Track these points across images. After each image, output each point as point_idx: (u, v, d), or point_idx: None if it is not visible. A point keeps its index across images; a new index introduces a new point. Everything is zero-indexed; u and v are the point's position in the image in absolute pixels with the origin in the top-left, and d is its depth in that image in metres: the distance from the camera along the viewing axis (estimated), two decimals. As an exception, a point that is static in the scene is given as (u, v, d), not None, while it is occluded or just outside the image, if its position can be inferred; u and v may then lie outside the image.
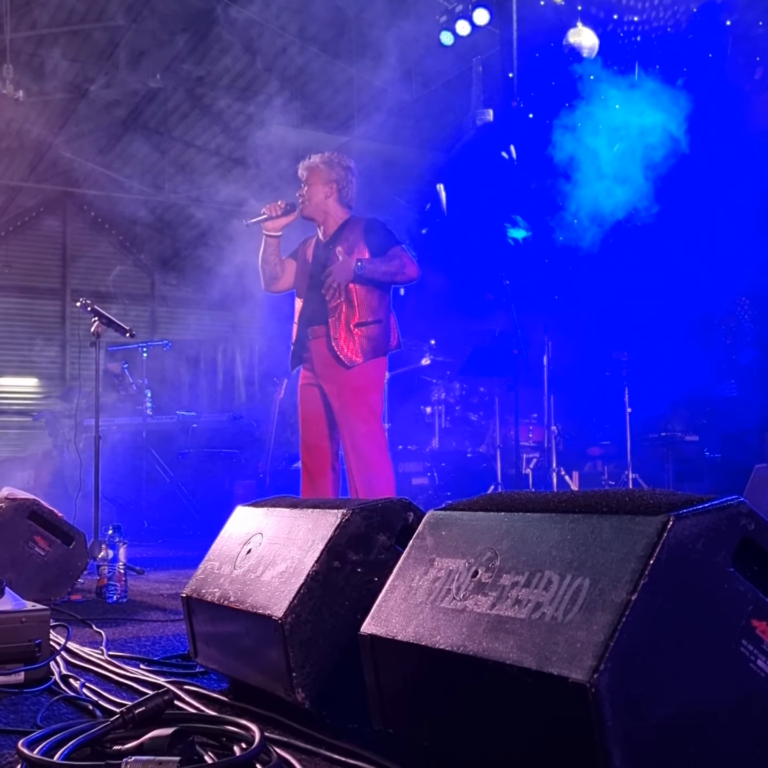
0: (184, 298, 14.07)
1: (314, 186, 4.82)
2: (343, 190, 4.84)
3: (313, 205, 4.83)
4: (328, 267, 4.70)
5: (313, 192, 4.82)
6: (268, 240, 4.87)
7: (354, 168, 4.91)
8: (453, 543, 1.80)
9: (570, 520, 1.59)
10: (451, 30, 9.95)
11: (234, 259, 8.29)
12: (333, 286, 4.63)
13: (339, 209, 4.86)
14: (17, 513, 4.20)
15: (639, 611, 1.36)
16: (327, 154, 4.90)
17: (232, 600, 2.25)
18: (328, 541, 2.06)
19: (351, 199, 4.89)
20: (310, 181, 4.83)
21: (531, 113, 9.94)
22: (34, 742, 1.84)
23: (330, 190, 4.82)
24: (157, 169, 12.55)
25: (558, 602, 1.48)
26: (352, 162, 4.92)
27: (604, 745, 1.32)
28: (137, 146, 12.23)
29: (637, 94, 8.54)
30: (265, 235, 4.86)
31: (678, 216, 8.25)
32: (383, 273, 4.68)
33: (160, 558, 6.49)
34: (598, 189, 8.59)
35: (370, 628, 1.82)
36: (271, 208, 4.80)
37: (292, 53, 11.22)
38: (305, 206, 4.84)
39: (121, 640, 3.22)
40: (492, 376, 8.54)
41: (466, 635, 1.59)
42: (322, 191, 4.81)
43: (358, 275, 4.61)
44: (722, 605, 1.43)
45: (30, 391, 14.03)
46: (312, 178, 4.83)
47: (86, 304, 5.84)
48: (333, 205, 4.84)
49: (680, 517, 1.42)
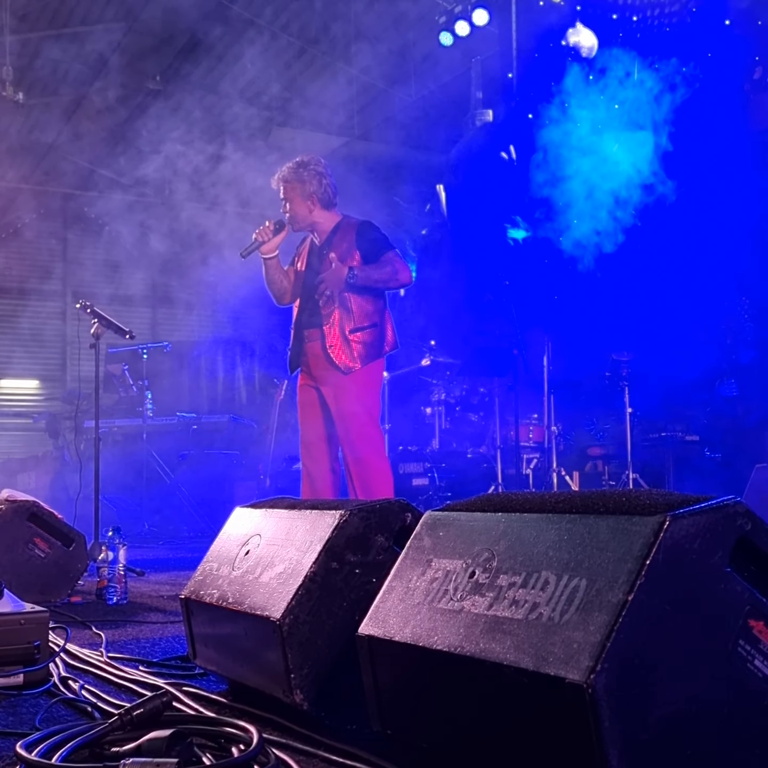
0: (185, 300, 14.07)
1: (293, 202, 4.78)
2: (323, 197, 4.80)
3: (300, 220, 4.82)
4: (321, 272, 4.70)
5: (295, 208, 4.79)
6: (268, 263, 4.84)
7: (326, 168, 4.82)
8: (450, 544, 1.80)
9: (567, 521, 1.59)
10: (451, 30, 9.96)
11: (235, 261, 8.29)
12: (326, 293, 4.64)
13: (325, 214, 4.84)
14: (17, 515, 4.20)
15: (636, 611, 1.36)
16: (294, 167, 4.78)
17: (230, 601, 2.25)
18: (326, 542, 2.06)
19: (333, 196, 4.84)
20: (289, 197, 4.79)
21: (530, 113, 9.94)
22: (32, 744, 1.84)
23: (311, 203, 4.78)
24: (158, 171, 12.54)
25: (555, 603, 1.48)
26: (321, 162, 4.82)
27: (601, 745, 1.32)
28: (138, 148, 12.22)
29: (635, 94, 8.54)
30: (263, 259, 4.84)
31: (678, 216, 8.25)
32: (375, 281, 4.67)
33: (160, 559, 6.49)
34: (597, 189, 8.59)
35: (367, 629, 1.81)
36: (261, 232, 4.75)
37: (292, 54, 11.21)
38: (293, 222, 4.83)
39: (121, 642, 3.22)
40: (492, 377, 8.54)
41: (464, 636, 1.59)
42: (304, 206, 4.78)
43: (350, 284, 4.61)
44: (719, 605, 1.42)
45: (31, 393, 14.04)
46: (289, 194, 4.79)
47: (86, 306, 5.84)
48: (318, 213, 4.82)
49: (677, 517, 1.42)
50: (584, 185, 8.66)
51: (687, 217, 8.18)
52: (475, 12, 9.72)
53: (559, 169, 8.72)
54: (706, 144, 8.09)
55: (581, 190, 8.64)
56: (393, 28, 9.99)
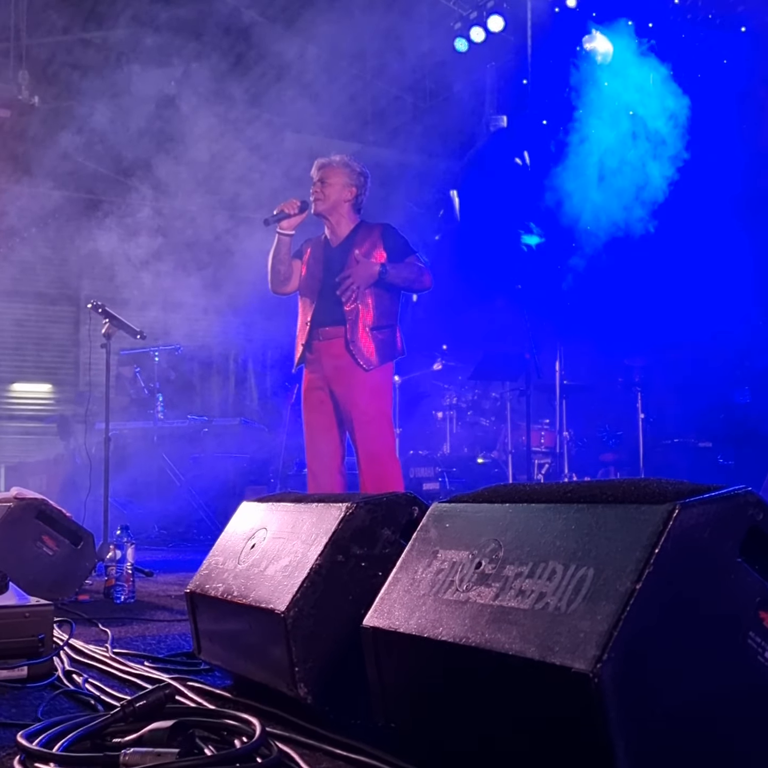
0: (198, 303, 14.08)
1: (334, 186, 4.77)
2: (360, 196, 4.82)
3: (330, 203, 4.79)
4: (344, 269, 4.66)
5: (332, 192, 4.77)
6: (283, 239, 4.81)
7: (370, 176, 4.91)
8: (457, 535, 1.78)
9: (574, 510, 1.57)
10: (466, 37, 9.98)
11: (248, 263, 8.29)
12: (352, 288, 4.59)
13: (352, 214, 4.84)
14: (25, 512, 4.18)
15: (644, 601, 1.34)
16: (347, 157, 4.86)
17: (235, 595, 2.23)
18: (332, 535, 2.04)
19: (362, 204, 4.89)
20: (330, 181, 4.77)
21: (545, 119, 9.94)
22: (33, 734, 1.83)
23: (349, 194, 4.79)
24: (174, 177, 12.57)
25: (561, 592, 1.46)
26: (367, 170, 4.92)
27: (607, 736, 1.29)
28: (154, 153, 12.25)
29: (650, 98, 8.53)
30: (279, 233, 4.80)
31: (692, 220, 8.21)
32: (403, 279, 4.67)
33: (169, 561, 6.48)
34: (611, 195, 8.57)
35: (372, 621, 1.79)
36: (288, 205, 4.74)
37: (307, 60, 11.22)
38: (320, 203, 4.78)
39: (127, 639, 3.20)
40: (504, 381, 8.51)
41: (469, 626, 1.57)
42: (341, 193, 4.77)
43: (380, 280, 4.60)
44: (729, 596, 1.40)
45: (43, 396, 14.07)
46: (332, 178, 4.78)
47: (97, 306, 5.84)
48: (348, 208, 4.82)
49: (686, 506, 1.39)
50: (599, 190, 8.64)
51: (702, 222, 8.14)
52: (491, 18, 9.73)
53: (574, 173, 8.71)
54: (722, 149, 8.05)
55: (596, 194, 8.62)
56: (408, 34, 9.98)
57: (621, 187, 8.52)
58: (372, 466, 4.60)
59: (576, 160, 8.80)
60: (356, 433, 4.65)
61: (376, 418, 4.64)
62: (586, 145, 8.88)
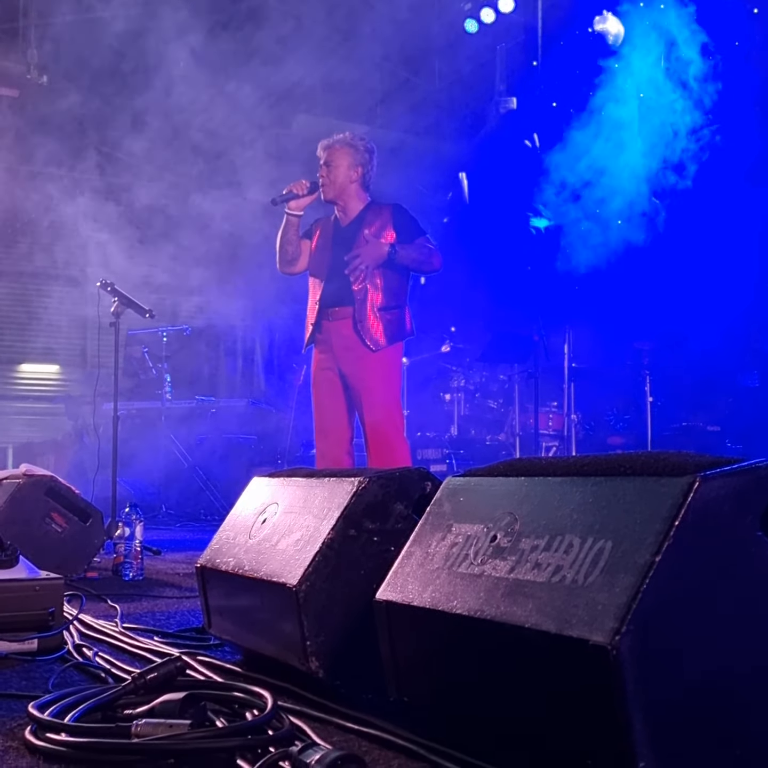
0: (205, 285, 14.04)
1: (339, 168, 4.73)
2: (366, 174, 4.78)
3: (337, 187, 4.75)
4: (353, 249, 4.63)
5: (337, 174, 4.74)
6: (291, 219, 4.80)
7: (376, 151, 4.86)
8: (471, 509, 1.76)
9: (592, 483, 1.55)
10: (476, 18, 9.93)
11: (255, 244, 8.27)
12: (361, 267, 4.55)
13: (361, 193, 4.81)
14: (34, 489, 4.18)
15: (663, 573, 1.32)
16: (350, 135, 4.80)
17: (246, 569, 2.22)
18: (345, 509, 2.03)
19: (370, 180, 4.85)
20: (335, 163, 4.74)
21: (555, 102, 9.88)
22: (44, 705, 1.83)
23: (355, 174, 4.75)
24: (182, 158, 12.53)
25: (579, 565, 1.44)
26: (373, 144, 4.87)
27: (624, 709, 1.28)
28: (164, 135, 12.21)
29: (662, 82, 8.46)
30: (287, 214, 4.78)
31: (702, 206, 8.17)
32: (413, 260, 4.64)
33: (177, 540, 6.48)
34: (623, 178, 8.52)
35: (385, 594, 1.78)
36: (297, 186, 4.72)
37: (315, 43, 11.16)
38: (328, 189, 4.75)
39: (136, 614, 3.20)
40: (512, 363, 8.49)
41: (484, 600, 1.55)
42: (347, 175, 4.74)
43: (389, 260, 4.57)
44: (749, 570, 1.38)
45: (51, 377, 14.07)
46: (337, 160, 4.74)
47: (106, 284, 5.83)
48: (356, 188, 4.78)
49: (707, 479, 1.38)
50: (608, 175, 8.59)
51: (711, 206, 8.10)
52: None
53: (583, 156, 8.65)
54: (735, 131, 8.00)
55: (606, 179, 8.57)
56: (418, 15, 9.91)
57: (630, 172, 8.46)
58: (380, 446, 4.59)
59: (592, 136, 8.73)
60: (365, 414, 4.64)
61: (384, 398, 4.63)
62: (597, 122, 8.82)
